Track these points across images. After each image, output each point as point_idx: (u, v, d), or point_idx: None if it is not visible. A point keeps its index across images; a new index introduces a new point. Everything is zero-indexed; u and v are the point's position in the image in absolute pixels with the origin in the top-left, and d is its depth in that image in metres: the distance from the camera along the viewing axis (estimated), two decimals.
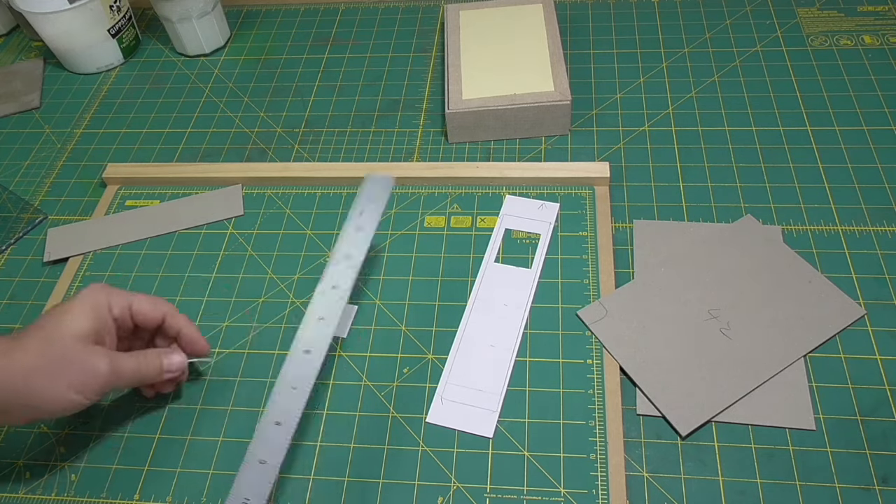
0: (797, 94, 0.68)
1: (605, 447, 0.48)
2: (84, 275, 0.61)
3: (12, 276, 0.62)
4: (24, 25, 0.82)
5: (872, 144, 0.63)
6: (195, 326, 0.51)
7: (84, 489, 0.49)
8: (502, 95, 0.64)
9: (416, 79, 0.74)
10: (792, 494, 0.45)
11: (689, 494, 0.46)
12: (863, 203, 0.59)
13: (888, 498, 0.44)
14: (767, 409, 0.48)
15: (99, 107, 0.76)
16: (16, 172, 0.71)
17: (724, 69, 0.71)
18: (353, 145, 0.68)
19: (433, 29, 0.80)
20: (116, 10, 0.77)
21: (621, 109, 0.68)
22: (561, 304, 0.55)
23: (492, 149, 0.66)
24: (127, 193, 0.67)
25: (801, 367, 0.50)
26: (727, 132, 0.65)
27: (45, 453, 0.51)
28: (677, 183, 0.62)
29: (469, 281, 0.57)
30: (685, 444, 0.48)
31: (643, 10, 0.78)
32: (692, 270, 0.55)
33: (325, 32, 0.81)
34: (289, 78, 0.76)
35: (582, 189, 0.62)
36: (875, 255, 0.55)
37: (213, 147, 0.70)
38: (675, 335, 0.52)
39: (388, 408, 0.51)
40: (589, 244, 0.58)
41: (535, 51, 0.68)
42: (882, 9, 0.75)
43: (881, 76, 0.68)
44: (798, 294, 0.53)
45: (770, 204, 0.59)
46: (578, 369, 0.51)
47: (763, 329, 0.51)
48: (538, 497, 0.46)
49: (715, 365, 0.50)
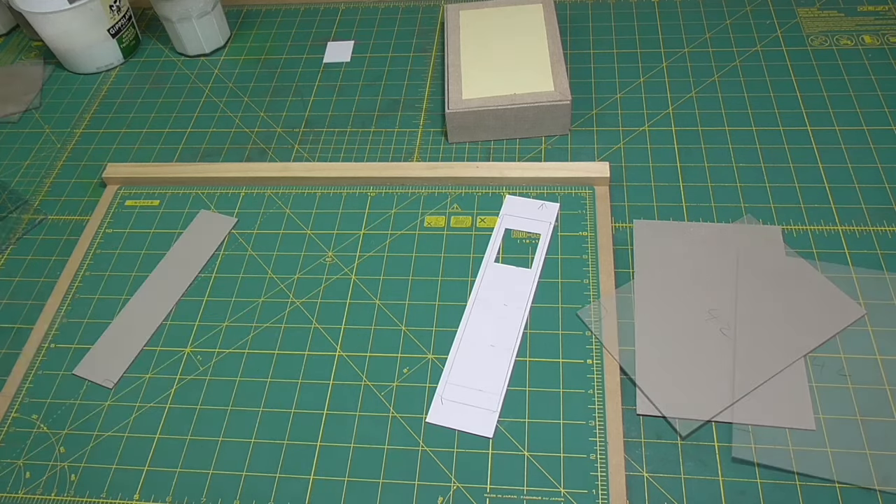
0: (797, 94, 0.68)
1: (605, 447, 0.48)
2: (84, 274, 0.61)
3: (12, 276, 0.62)
4: (24, 25, 0.82)
5: (872, 144, 0.63)
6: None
7: (84, 489, 0.49)
8: (502, 95, 0.64)
9: (416, 79, 0.74)
10: (792, 494, 0.45)
11: (689, 494, 0.46)
12: (863, 203, 0.59)
13: (888, 499, 0.44)
14: (767, 409, 0.48)
15: (99, 107, 0.76)
16: (16, 172, 0.71)
17: (724, 69, 0.71)
18: (353, 145, 0.68)
19: (433, 29, 0.80)
20: (116, 10, 0.77)
21: (621, 109, 0.68)
22: (561, 304, 0.55)
23: (492, 149, 0.66)
24: (127, 193, 0.67)
25: (801, 366, 0.50)
26: (727, 132, 0.65)
27: (45, 453, 0.51)
28: (677, 183, 0.62)
29: (469, 281, 0.57)
30: (685, 444, 0.48)
31: (643, 10, 0.78)
32: (692, 270, 0.55)
33: (325, 32, 0.81)
34: (289, 78, 0.76)
35: (582, 189, 0.62)
36: (875, 254, 0.55)
37: (213, 147, 0.70)
38: (674, 335, 0.52)
39: (389, 408, 0.51)
40: (589, 244, 0.58)
41: (535, 51, 0.68)
42: (882, 9, 0.75)
43: (881, 76, 0.68)
44: (798, 294, 0.53)
45: (770, 204, 0.59)
46: (578, 369, 0.51)
47: (763, 329, 0.51)
48: (538, 497, 0.46)
49: (715, 365, 0.50)
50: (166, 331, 0.56)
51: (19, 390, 0.54)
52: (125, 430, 0.52)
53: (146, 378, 0.54)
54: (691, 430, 0.48)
